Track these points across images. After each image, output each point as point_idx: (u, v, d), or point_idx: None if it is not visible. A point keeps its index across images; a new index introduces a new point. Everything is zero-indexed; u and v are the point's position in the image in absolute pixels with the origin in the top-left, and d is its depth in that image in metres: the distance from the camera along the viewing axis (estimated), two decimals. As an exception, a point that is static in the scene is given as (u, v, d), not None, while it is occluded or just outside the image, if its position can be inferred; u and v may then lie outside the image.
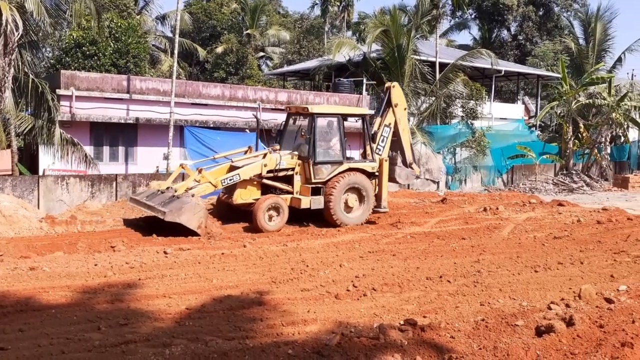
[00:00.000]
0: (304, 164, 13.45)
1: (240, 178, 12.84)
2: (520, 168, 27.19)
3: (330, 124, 14.08)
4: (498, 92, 40.75)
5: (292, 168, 13.45)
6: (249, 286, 7.98)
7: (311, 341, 5.73)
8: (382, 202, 14.42)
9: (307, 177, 13.46)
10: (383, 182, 14.37)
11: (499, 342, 5.77)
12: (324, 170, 13.49)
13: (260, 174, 13.08)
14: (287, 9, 61.04)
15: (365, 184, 13.93)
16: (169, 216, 11.32)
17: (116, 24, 23.66)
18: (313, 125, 13.35)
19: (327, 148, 14.00)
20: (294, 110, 14.58)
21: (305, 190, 13.43)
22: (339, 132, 13.91)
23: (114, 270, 8.74)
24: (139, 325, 6.28)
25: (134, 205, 13.04)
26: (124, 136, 19.29)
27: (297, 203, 13.28)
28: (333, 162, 13.68)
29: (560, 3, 46.94)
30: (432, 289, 8.04)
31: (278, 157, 13.26)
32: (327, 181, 13.55)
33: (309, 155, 13.30)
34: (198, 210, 11.72)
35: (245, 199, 13.05)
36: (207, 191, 12.71)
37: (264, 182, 13.21)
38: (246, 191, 13.05)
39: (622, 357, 5.32)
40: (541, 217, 15.18)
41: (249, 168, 12.98)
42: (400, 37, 24.54)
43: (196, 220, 11.62)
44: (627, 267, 9.38)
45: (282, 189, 13.40)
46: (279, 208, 12.87)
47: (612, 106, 27.46)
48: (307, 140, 13.39)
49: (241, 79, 36.64)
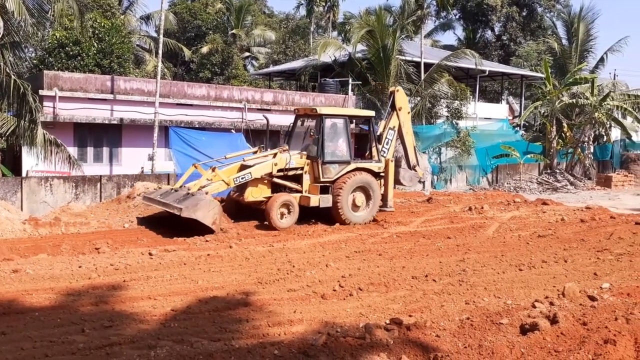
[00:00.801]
0: (313, 163, 13.79)
1: (252, 177, 13.16)
2: (504, 167, 27.41)
3: (338, 125, 14.40)
4: (482, 92, 41.04)
5: (301, 167, 13.77)
6: (235, 287, 7.95)
7: (297, 341, 5.73)
8: (388, 202, 14.80)
9: (316, 176, 13.79)
10: (389, 182, 14.75)
11: (484, 340, 5.81)
12: (332, 169, 13.84)
13: (271, 173, 13.42)
14: (272, 9, 61.04)
15: (372, 183, 14.24)
16: (185, 212, 11.59)
17: (100, 24, 23.48)
18: (321, 125, 13.69)
19: (335, 148, 14.28)
20: (302, 112, 14.95)
21: (314, 189, 13.76)
22: (346, 133, 14.27)
23: (98, 272, 8.67)
24: (123, 327, 6.23)
25: (147, 203, 13.27)
26: (108, 137, 19.14)
27: (306, 201, 13.57)
28: (340, 162, 14.02)
29: (543, 4, 47.39)
30: (417, 288, 8.07)
31: (288, 156, 13.61)
32: (335, 180, 13.87)
33: (317, 155, 13.64)
34: (213, 206, 12.10)
35: (256, 196, 13.37)
36: (220, 189, 13.03)
37: (274, 180, 13.53)
38: (257, 189, 13.37)
39: (604, 354, 5.38)
40: (525, 216, 15.30)
41: (260, 167, 13.30)
42: (386, 38, 24.62)
43: (211, 216, 11.95)
44: (610, 265, 9.49)
45: (291, 188, 13.71)
46: (290, 206, 13.18)
47: (595, 106, 27.78)
48: (316, 141, 13.76)
49: (227, 79, 36.53)
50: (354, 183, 13.89)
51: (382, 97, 25.06)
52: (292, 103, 23.15)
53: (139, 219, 13.17)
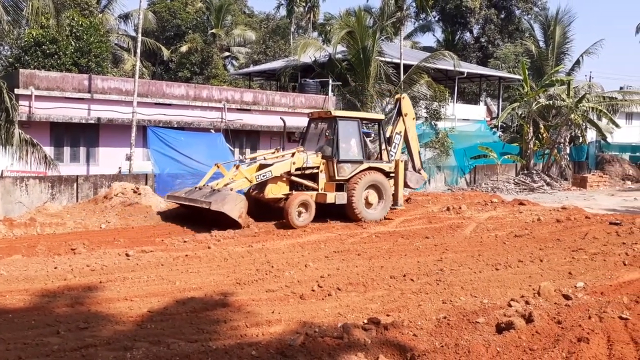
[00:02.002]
0: (328, 162, 14.56)
1: (272, 175, 13.83)
2: (482, 168, 27.66)
3: (351, 127, 15.06)
4: (461, 93, 41.43)
5: (317, 166, 14.52)
6: (213, 288, 7.92)
7: (275, 342, 5.72)
8: (399, 200, 15.47)
9: (331, 175, 14.54)
10: (399, 182, 15.44)
11: (460, 339, 5.86)
12: (346, 168, 14.56)
13: (289, 172, 14.14)
14: (252, 9, 60.78)
15: (383, 182, 14.97)
16: (214, 206, 12.25)
17: (77, 22, 23.17)
18: (336, 127, 14.48)
19: (348, 148, 14.93)
20: (316, 115, 15.79)
21: (330, 187, 14.49)
22: (358, 134, 15.05)
23: (74, 273, 8.57)
24: (99, 328, 6.17)
25: (172, 201, 13.99)
26: (85, 136, 18.92)
27: (323, 199, 14.23)
28: (354, 162, 14.75)
29: (521, 6, 47.94)
30: (395, 287, 8.11)
31: (305, 156, 14.36)
32: (349, 179, 14.56)
33: (332, 155, 14.42)
34: (239, 201, 12.77)
35: (276, 194, 14.12)
36: (243, 186, 13.69)
37: (292, 179, 14.25)
38: (276, 187, 14.11)
39: (578, 352, 5.46)
40: (502, 216, 15.49)
41: (280, 165, 14.02)
42: (366, 39, 24.69)
43: (237, 210, 12.53)
44: (584, 264, 9.65)
45: (308, 186, 14.39)
46: (307, 205, 13.77)
47: (571, 107, 28.18)
48: (330, 141, 14.59)
49: (206, 78, 36.31)
50: (367, 181, 14.60)
51: (362, 98, 25.16)
52: (272, 103, 23.11)
53: (118, 220, 13.06)
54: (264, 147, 23.12)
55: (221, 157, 18.34)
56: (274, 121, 22.90)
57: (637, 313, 6.75)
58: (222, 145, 18.85)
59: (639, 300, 7.31)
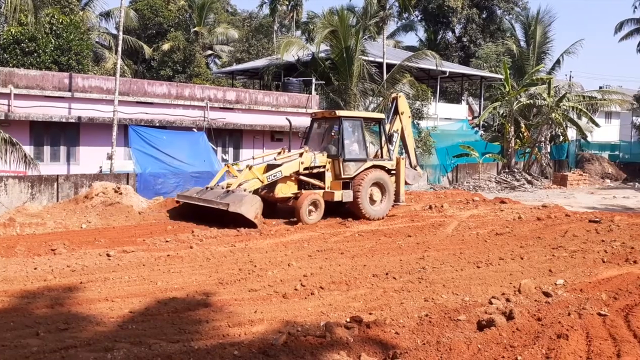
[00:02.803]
0: (334, 161, 14.93)
1: (282, 174, 14.18)
2: (464, 167, 27.86)
3: (354, 126, 15.49)
4: (443, 92, 41.68)
5: (323, 165, 14.89)
6: (195, 288, 7.88)
7: (257, 341, 5.72)
8: (401, 197, 16.11)
9: (337, 174, 14.92)
10: (401, 179, 16.05)
11: (442, 336, 5.91)
12: (351, 166, 14.95)
13: (298, 171, 14.51)
14: (235, 7, 60.79)
15: (386, 179, 15.40)
16: (232, 207, 12.57)
17: (57, 20, 22.87)
18: (341, 126, 14.81)
19: (353, 147, 15.36)
20: (319, 115, 16.25)
21: (336, 185, 14.86)
22: (362, 133, 15.52)
23: (54, 274, 8.48)
24: (79, 329, 6.11)
25: (184, 202, 14.07)
26: (66, 136, 18.69)
27: (330, 197, 14.54)
28: (358, 160, 15.16)
29: (502, 6, 48.34)
30: (378, 286, 8.14)
31: (312, 155, 14.69)
32: (354, 177, 14.90)
33: (338, 154, 14.77)
34: (255, 202, 13.11)
35: (285, 193, 14.53)
36: (255, 186, 13.87)
37: (300, 178, 14.64)
38: (286, 186, 14.51)
39: (558, 349, 5.53)
40: (484, 214, 15.62)
41: (289, 165, 14.35)
42: (349, 38, 24.72)
43: (253, 211, 12.86)
44: (564, 262, 9.77)
45: (315, 185, 14.75)
46: (317, 203, 14.16)
47: (552, 106, 28.50)
48: (334, 141, 14.94)
49: (189, 77, 36.10)
50: (372, 179, 14.94)
51: (345, 97, 25.19)
52: (255, 102, 23.04)
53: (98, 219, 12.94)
54: (247, 146, 23.06)
55: (204, 156, 18.29)
56: (257, 120, 22.84)
57: (615, 309, 6.87)
58: (205, 144, 18.74)
59: (617, 297, 7.44)
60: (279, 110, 23.58)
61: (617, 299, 7.34)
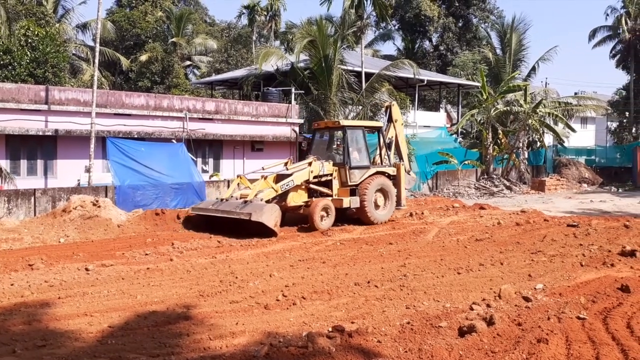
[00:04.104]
0: (340, 169, 15.39)
1: (294, 183, 14.57)
2: (444, 174, 28.06)
3: (357, 134, 15.94)
4: (421, 100, 42.06)
5: (330, 174, 15.33)
6: (176, 301, 7.80)
7: (239, 354, 5.68)
8: (402, 201, 16.55)
9: (343, 181, 15.38)
10: (401, 184, 16.50)
11: (423, 344, 5.93)
12: (356, 174, 15.41)
13: (308, 180, 14.95)
14: (214, 18, 60.59)
15: (388, 185, 15.94)
16: (254, 217, 12.91)
17: (33, 32, 22.65)
18: (345, 135, 15.36)
19: (357, 155, 15.79)
20: (322, 125, 16.69)
21: (344, 192, 15.32)
22: (364, 142, 15.96)
23: (31, 290, 8.33)
24: (57, 346, 6.01)
25: (200, 214, 14.33)
26: (43, 149, 18.45)
27: (339, 203, 14.97)
28: (362, 167, 15.64)
29: (478, 15, 49.02)
30: (360, 294, 8.14)
31: (321, 164, 15.14)
32: (359, 184, 15.36)
33: (344, 162, 15.30)
34: (275, 211, 13.45)
35: (297, 201, 14.93)
36: (270, 195, 14.14)
37: (310, 186, 15.07)
38: (297, 194, 14.92)
39: (538, 353, 5.59)
40: (464, 221, 15.74)
41: (300, 174, 14.74)
42: (327, 47, 24.84)
43: (273, 219, 13.20)
44: (543, 266, 9.88)
45: (323, 192, 15.17)
46: (329, 210, 14.59)
47: (528, 113, 28.88)
48: (341, 149, 15.56)
49: (167, 88, 35.92)
50: (376, 185, 15.48)
51: (325, 106, 25.27)
52: (235, 112, 23.01)
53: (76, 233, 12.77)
54: (227, 157, 22.98)
55: (183, 167, 18.17)
56: (237, 130, 22.80)
57: (594, 313, 6.96)
58: (184, 156, 18.63)
59: (595, 300, 7.54)
60: (259, 120, 23.58)
61: (596, 302, 7.44)
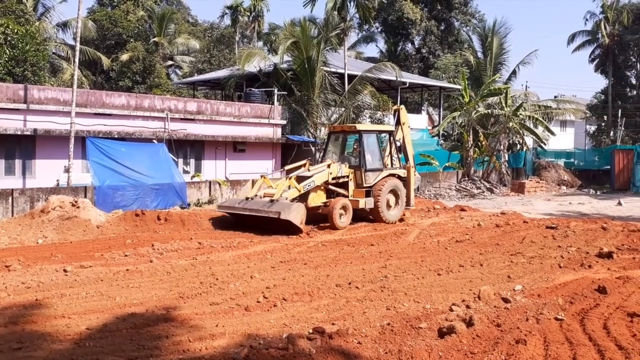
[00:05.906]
0: (356, 171, 16.01)
1: (315, 184, 15.14)
2: (425, 175, 28.16)
3: (372, 139, 16.68)
4: (403, 103, 42.13)
5: (347, 175, 15.94)
6: (155, 303, 7.74)
7: (219, 356, 5.65)
8: (411, 201, 17.20)
9: (358, 183, 16.00)
10: (411, 185, 17.17)
11: (403, 345, 5.95)
12: (371, 176, 16.04)
13: (327, 181, 15.57)
14: (196, 18, 60.26)
15: (400, 186, 16.59)
16: (283, 215, 13.49)
17: (12, 30, 22.32)
18: (361, 140, 16.02)
19: (372, 158, 16.38)
20: (338, 129, 17.80)
21: (359, 194, 15.89)
22: (378, 145, 16.73)
23: (8, 291, 8.20)
24: (34, 348, 5.92)
25: (226, 212, 15.11)
26: (21, 148, 18.20)
27: (355, 204, 15.55)
28: (376, 169, 16.26)
29: (460, 18, 49.41)
30: (341, 296, 8.15)
31: (338, 166, 15.77)
32: (373, 185, 15.98)
33: (360, 164, 15.91)
34: (301, 209, 14.11)
35: (317, 202, 15.47)
36: (294, 195, 14.61)
37: (329, 187, 15.68)
38: (317, 195, 15.49)
39: (516, 354, 5.64)
40: (444, 222, 15.85)
41: (320, 176, 15.31)
42: (310, 49, 24.84)
43: (299, 217, 13.89)
44: (522, 268, 9.98)
45: (340, 193, 15.70)
46: (347, 208, 15.16)
47: (509, 116, 29.18)
48: (358, 153, 16.17)
49: (149, 87, 35.62)
50: (389, 186, 16.15)
51: (307, 108, 25.26)
52: (217, 113, 22.91)
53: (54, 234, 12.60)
54: (209, 157, 22.87)
55: (164, 168, 18.03)
56: (219, 131, 22.70)
57: (572, 314, 7.04)
58: (165, 156, 18.50)
59: (573, 301, 7.63)
60: (241, 121, 23.51)
61: (573, 304, 7.53)
